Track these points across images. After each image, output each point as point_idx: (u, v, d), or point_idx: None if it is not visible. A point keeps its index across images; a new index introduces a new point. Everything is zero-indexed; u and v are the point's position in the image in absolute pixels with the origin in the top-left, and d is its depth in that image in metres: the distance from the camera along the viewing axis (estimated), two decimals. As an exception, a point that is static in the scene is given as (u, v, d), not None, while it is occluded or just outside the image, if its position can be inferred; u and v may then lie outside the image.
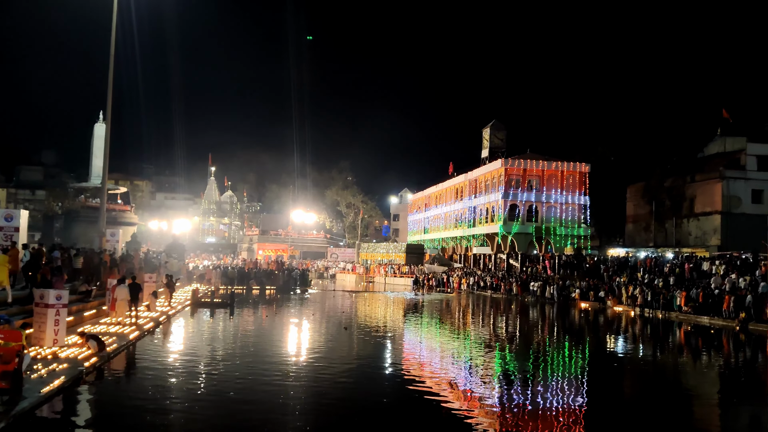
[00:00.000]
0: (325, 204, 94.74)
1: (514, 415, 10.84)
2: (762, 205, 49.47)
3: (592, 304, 35.36)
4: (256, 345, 18.17)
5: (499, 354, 18.30)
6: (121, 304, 19.44)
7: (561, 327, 27.10)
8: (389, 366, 15.79)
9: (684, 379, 16.02)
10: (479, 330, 24.49)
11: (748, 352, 20.53)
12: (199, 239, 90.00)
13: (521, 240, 53.94)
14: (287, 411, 10.68)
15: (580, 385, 14.18)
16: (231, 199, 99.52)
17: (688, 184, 52.96)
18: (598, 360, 18.44)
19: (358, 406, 11.32)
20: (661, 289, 32.02)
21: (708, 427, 11.32)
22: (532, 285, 41.95)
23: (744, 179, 49.93)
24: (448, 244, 69.84)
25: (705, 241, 50.03)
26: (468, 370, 15.29)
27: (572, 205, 54.89)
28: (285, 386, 12.44)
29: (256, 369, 13.91)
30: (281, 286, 43.68)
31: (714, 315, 27.51)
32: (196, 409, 10.54)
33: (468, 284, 48.87)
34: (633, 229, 60.75)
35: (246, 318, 26.24)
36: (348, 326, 22.81)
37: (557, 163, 55.35)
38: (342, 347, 18.45)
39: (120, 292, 19.42)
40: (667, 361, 18.64)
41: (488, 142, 62.48)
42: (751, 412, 12.38)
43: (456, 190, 66.93)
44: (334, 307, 32.76)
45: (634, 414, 11.85)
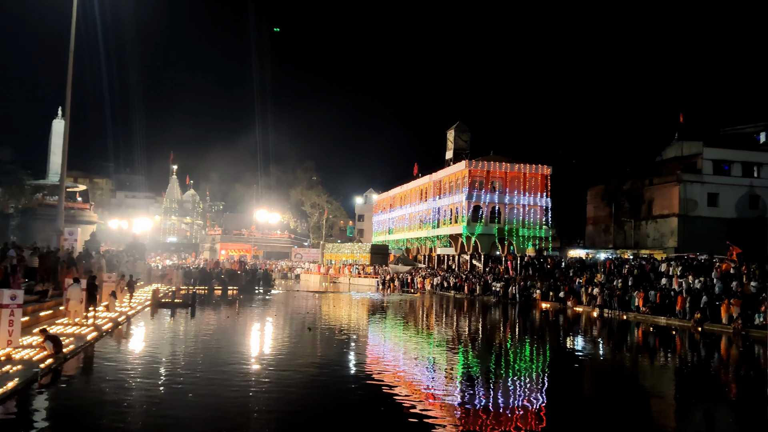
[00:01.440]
0: (289, 204, 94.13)
1: (475, 414, 10.95)
2: (717, 209, 50.92)
3: (552, 305, 35.89)
4: (218, 346, 17.98)
5: (461, 354, 18.45)
6: (73, 304, 18.79)
7: (522, 327, 27.45)
8: (353, 367, 15.80)
9: (641, 378, 16.38)
10: (442, 330, 24.65)
11: (703, 351, 21.09)
12: (160, 239, 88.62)
13: (484, 241, 54.47)
14: (248, 412, 10.59)
15: (541, 384, 14.39)
16: (193, 198, 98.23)
17: (646, 187, 54.17)
18: (557, 359, 18.74)
19: (321, 407, 11.30)
20: (619, 289, 32.67)
21: (664, 425, 11.60)
22: (495, 285, 42.39)
23: (700, 183, 51.30)
24: (412, 244, 70.13)
25: (663, 243, 51.23)
26: (431, 370, 15.38)
27: (534, 206, 55.65)
28: (246, 387, 12.34)
29: (217, 370, 13.77)
30: (244, 286, 43.29)
31: (671, 315, 28.17)
32: (154, 411, 10.39)
33: (432, 285, 49.14)
34: (593, 230, 61.87)
35: (207, 319, 25.95)
36: (312, 327, 22.74)
37: (520, 165, 56.07)
38: (306, 348, 18.39)
39: (73, 293, 18.81)
40: (625, 361, 19.04)
41: (452, 143, 62.95)
42: (706, 410, 12.72)
43: (420, 191, 67.24)
44: (297, 308, 32.61)
45: (593, 412, 12.09)
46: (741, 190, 51.78)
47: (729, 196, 51.38)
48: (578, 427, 10.83)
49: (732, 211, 51.01)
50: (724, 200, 51.22)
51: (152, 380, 12.72)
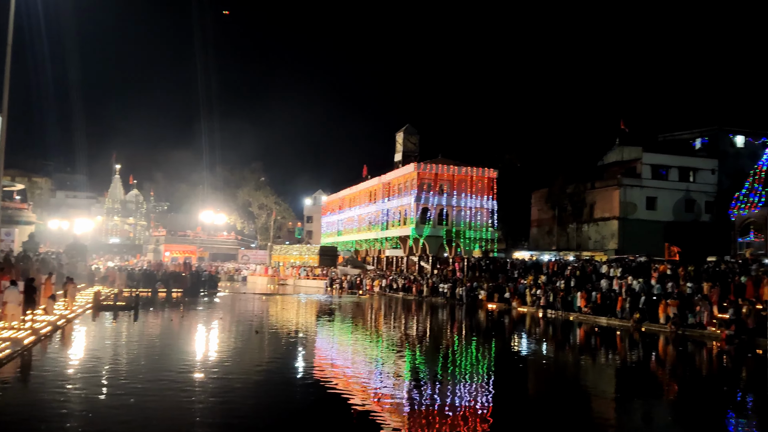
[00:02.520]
0: (236, 205, 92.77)
1: (423, 415, 11.09)
2: (655, 212, 52.76)
3: (498, 305, 36.50)
4: (161, 350, 17.66)
5: (409, 355, 18.62)
6: (11, 307, 18.11)
7: (468, 328, 27.85)
8: (301, 370, 15.76)
9: (582, 376, 16.87)
10: (390, 331, 24.80)
11: (641, 350, 21.82)
12: (102, 240, 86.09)
13: (432, 243, 54.99)
14: (192, 418, 10.46)
15: (486, 384, 14.66)
16: (137, 198, 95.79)
17: (588, 191, 55.66)
18: (502, 360, 19.11)
19: (268, 410, 11.24)
20: (562, 290, 33.47)
21: (605, 422, 11.98)
22: (442, 287, 42.84)
23: (639, 187, 53.06)
24: (361, 246, 70.19)
25: (604, 245, 52.73)
26: (378, 371, 15.49)
27: (481, 209, 56.52)
28: (191, 392, 12.17)
29: (161, 375, 13.54)
30: (189, 288, 42.49)
31: (611, 316, 29.01)
32: (92, 417, 10.14)
33: (380, 286, 49.31)
34: (537, 233, 63.18)
35: (151, 322, 25.42)
36: (259, 330, 22.54)
37: (467, 169, 56.88)
38: (252, 352, 18.23)
39: (10, 296, 18.13)
40: (567, 360, 19.56)
41: (401, 146, 63.36)
42: (644, 407, 13.19)
43: (370, 193, 67.39)
44: (244, 311, 32.26)
45: (536, 410, 12.41)
46: (678, 194, 53.79)
47: (666, 200, 53.31)
48: (522, 426, 11.08)
49: (669, 214, 52.93)
50: (661, 204, 53.11)
51: (93, 385, 12.39)
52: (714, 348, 21.69)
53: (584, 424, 11.46)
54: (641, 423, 11.95)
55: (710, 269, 30.25)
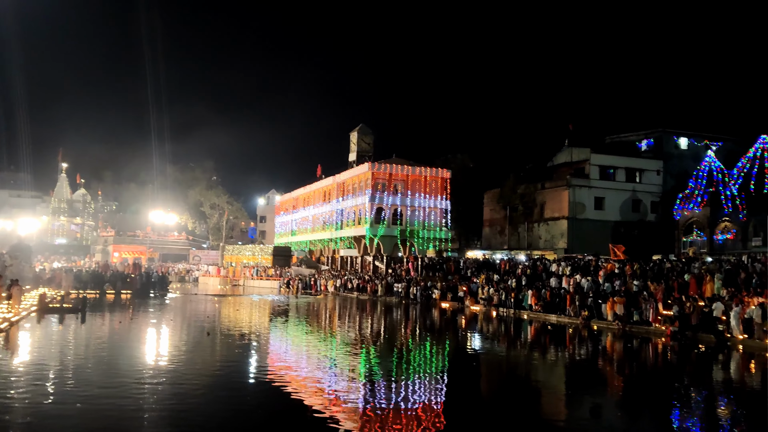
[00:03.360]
0: (187, 204, 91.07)
1: (378, 414, 11.15)
2: (603, 212, 54.12)
3: (451, 304, 36.88)
4: (110, 353, 17.26)
5: (363, 354, 18.67)
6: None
7: (422, 327, 28.07)
8: (254, 371, 15.64)
9: (533, 373, 17.21)
10: (345, 331, 24.81)
11: (590, 347, 22.38)
12: (48, 240, 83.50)
13: (387, 242, 55.18)
14: (141, 422, 10.29)
15: (440, 382, 14.83)
16: (84, 197, 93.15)
17: (538, 191, 56.71)
18: (456, 358, 19.35)
19: (220, 413, 11.12)
20: (513, 289, 34.05)
21: (555, 417, 12.26)
22: (397, 286, 43.06)
23: (588, 187, 54.32)
24: (315, 246, 69.91)
25: (553, 245, 53.80)
26: (334, 371, 15.49)
27: (435, 209, 56.98)
28: (139, 397, 11.93)
29: (109, 379, 13.24)
30: (138, 290, 41.65)
31: (561, 313, 29.65)
32: (35, 424, 9.85)
33: (335, 286, 49.23)
34: (489, 232, 64.06)
35: (99, 324, 24.80)
36: (211, 331, 22.25)
37: (421, 169, 57.29)
38: (204, 354, 17.99)
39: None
40: (518, 357, 19.93)
41: (356, 145, 63.37)
42: (592, 402, 13.54)
43: (324, 193, 67.18)
44: (196, 312, 31.78)
45: (488, 407, 12.62)
46: (624, 194, 55.29)
47: (614, 200, 54.73)
48: (474, 423, 11.24)
49: (616, 214, 54.36)
50: (609, 204, 54.50)
51: (38, 390, 12.03)
52: (659, 344, 22.40)
53: (534, 419, 11.71)
54: (589, 417, 12.26)
55: (655, 267, 31.20)
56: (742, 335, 21.57)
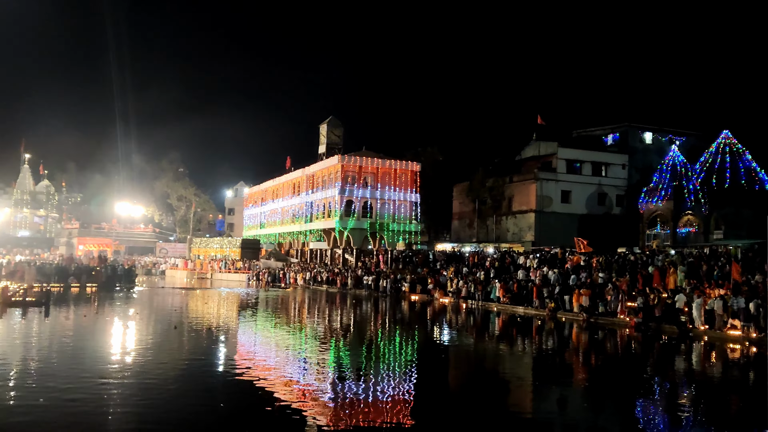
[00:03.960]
0: (154, 196, 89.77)
1: (348, 407, 11.17)
2: (570, 205, 54.87)
3: (421, 297, 37.07)
4: (74, 347, 16.97)
5: (333, 347, 18.66)
6: None
7: (392, 319, 28.17)
8: (221, 365, 15.53)
9: (500, 364, 17.41)
10: (314, 324, 24.77)
11: (556, 338, 22.70)
12: (10, 233, 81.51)
13: (356, 235, 55.18)
14: (106, 418, 10.15)
15: (409, 374, 14.91)
16: (48, 189, 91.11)
17: (507, 185, 57.24)
18: (425, 349, 19.47)
19: (186, 408, 11.02)
20: (482, 281, 34.36)
21: (521, 406, 12.44)
22: (366, 279, 43.11)
23: (555, 181, 54.99)
24: (284, 239, 69.55)
25: (521, 237, 54.39)
26: (303, 364, 15.47)
27: (404, 202, 57.14)
28: (104, 392, 11.75)
29: (73, 374, 13.03)
30: (104, 283, 41.00)
31: (528, 305, 30.02)
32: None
33: (304, 279, 49.08)
34: (458, 225, 64.49)
35: (63, 318, 24.34)
36: (178, 325, 22.01)
37: (391, 162, 57.36)
38: (171, 347, 17.80)
39: None
40: (486, 348, 20.13)
41: (325, 138, 63.15)
42: (559, 392, 13.75)
43: (293, 185, 66.83)
44: (162, 305, 31.40)
45: (456, 399, 12.74)
46: (591, 188, 56.11)
47: (580, 194, 55.51)
48: (443, 414, 11.34)
49: (583, 207, 55.18)
50: (575, 197, 55.27)
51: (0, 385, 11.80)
52: (623, 335, 22.83)
53: (502, 410, 11.86)
54: (556, 407, 12.46)
55: (620, 260, 31.76)
56: (703, 326, 22.12)
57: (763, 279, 23.44)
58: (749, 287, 22.81)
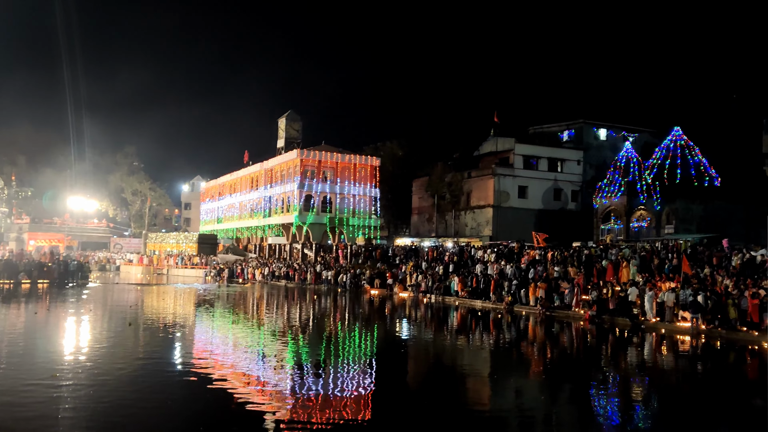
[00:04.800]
0: (107, 191, 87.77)
1: (306, 402, 11.15)
2: (526, 200, 55.71)
3: (380, 291, 37.18)
4: (25, 345, 16.52)
5: (291, 342, 18.59)
6: None
7: (351, 314, 28.20)
8: (178, 362, 15.33)
9: (458, 357, 17.60)
10: (272, 319, 24.62)
11: (512, 331, 23.06)
12: (-43, 227, 78.80)
13: (316, 230, 54.98)
14: (57, 420, 9.92)
15: (368, 369, 14.95)
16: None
17: (465, 180, 57.77)
18: (383, 344, 19.56)
19: (142, 406, 10.85)
20: (440, 275, 34.63)
21: (480, 399, 12.60)
22: (326, 274, 43.02)
23: (512, 176, 55.73)
24: (243, 234, 68.87)
25: (479, 232, 55.00)
26: (260, 360, 15.38)
27: (364, 197, 57.16)
28: (56, 392, 11.46)
29: (23, 372, 12.70)
30: (56, 279, 40.02)
31: (486, 299, 30.39)
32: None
33: (263, 274, 48.71)
34: (418, 220, 64.85)
35: (13, 315, 23.65)
36: (132, 322, 21.62)
37: (350, 156, 57.29)
38: (126, 345, 17.47)
39: None
40: (444, 342, 20.32)
41: (284, 132, 62.68)
42: (516, 385, 13.98)
43: (251, 180, 66.19)
44: (117, 302, 30.80)
45: (414, 393, 12.84)
46: (547, 183, 57.05)
47: (537, 189, 56.40)
48: (402, 408, 11.41)
49: (539, 202, 56.08)
50: (532, 192, 56.14)
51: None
52: (578, 327, 23.32)
53: (460, 403, 11.99)
54: (513, 400, 12.67)
55: (575, 254, 32.38)
56: (655, 318, 22.76)
57: (711, 272, 24.24)
58: (698, 280, 23.56)
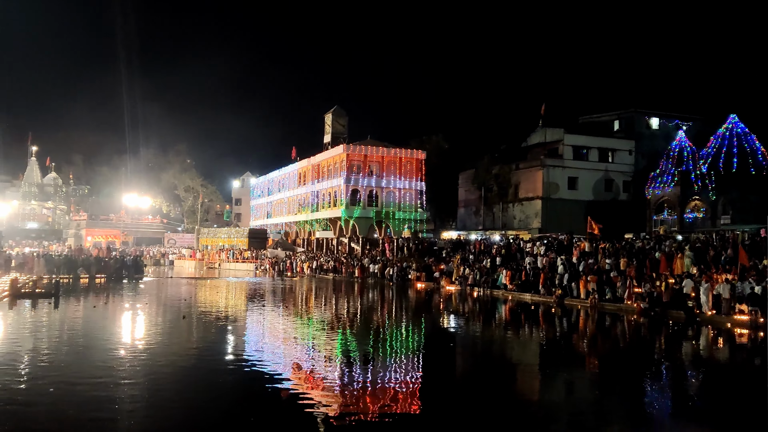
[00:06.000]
0: (161, 188, 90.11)
1: (356, 394, 11.25)
2: (576, 191, 54.73)
3: (427, 285, 37.15)
4: (84, 338, 17.12)
5: (341, 335, 18.76)
6: None
7: (397, 307, 28.27)
8: (230, 353, 15.65)
9: (508, 351, 17.47)
10: (321, 313, 24.89)
11: (563, 325, 22.73)
12: (18, 225, 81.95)
13: (362, 224, 55.28)
14: (115, 405, 10.26)
15: (417, 361, 14.98)
16: (55, 181, 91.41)
17: (513, 172, 57.12)
18: (432, 337, 19.55)
19: (196, 397, 11.14)
20: (488, 268, 34.38)
21: (530, 393, 12.49)
22: (372, 267, 43.21)
23: (561, 167, 54.83)
24: (291, 228, 69.74)
25: (528, 224, 54.33)
26: (311, 352, 15.57)
27: (410, 190, 57.16)
28: (114, 381, 11.88)
29: (84, 363, 13.17)
30: (112, 274, 41.26)
31: (534, 292, 30.03)
32: (9, 410, 9.74)
33: (311, 268, 49.25)
34: (464, 213, 64.45)
35: (73, 309, 24.54)
36: (186, 315, 22.16)
37: (396, 150, 57.35)
38: (180, 337, 17.94)
39: None
40: (494, 336, 20.18)
41: (330, 127, 63.12)
42: (566, 379, 13.80)
43: (299, 175, 66.93)
44: (171, 296, 31.60)
45: (465, 386, 12.81)
46: (597, 174, 55.93)
47: (587, 180, 55.35)
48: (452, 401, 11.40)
49: (589, 193, 55.01)
50: (582, 183, 55.11)
51: (10, 376, 11.91)
52: (630, 321, 22.84)
53: (510, 396, 11.92)
54: (566, 392, 12.51)
55: (627, 246, 31.69)
56: (711, 311, 22.11)
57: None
58: (756, 272, 22.76)
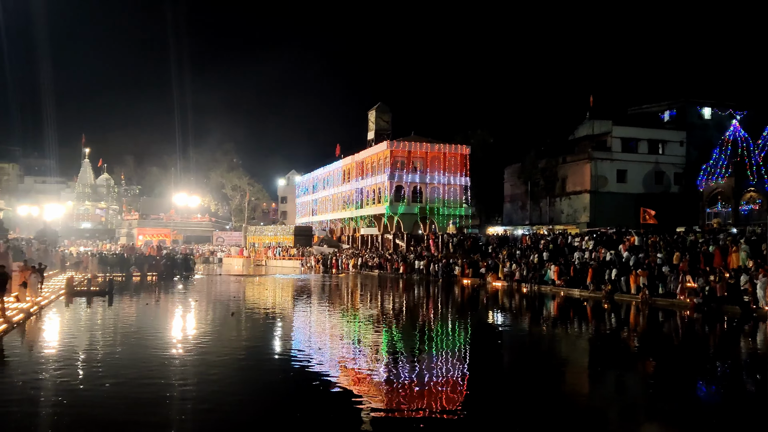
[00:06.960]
0: (209, 187, 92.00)
1: (402, 389, 11.24)
2: (625, 184, 53.48)
3: (473, 281, 36.88)
4: (138, 334, 17.55)
5: (387, 331, 18.78)
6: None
7: (444, 303, 28.15)
8: (276, 349, 15.84)
9: (557, 347, 17.19)
10: (368, 309, 24.97)
11: (613, 320, 22.26)
12: (73, 225, 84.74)
13: (407, 220, 55.24)
14: (168, 399, 10.49)
15: (463, 357, 14.89)
16: (107, 182, 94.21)
17: (560, 165, 56.18)
18: (479, 333, 19.40)
19: (247, 391, 11.31)
20: (535, 264, 33.92)
21: (579, 391, 12.27)
22: (418, 264, 43.13)
23: (610, 160, 53.67)
24: (336, 225, 70.21)
25: (576, 219, 53.40)
26: (358, 348, 15.63)
27: (454, 186, 56.85)
28: (168, 375, 12.16)
29: (138, 359, 13.49)
30: (163, 272, 42.21)
31: (583, 287, 29.49)
32: (66, 404, 10.05)
33: (356, 265, 49.47)
34: (510, 208, 63.75)
35: (126, 306, 25.22)
36: (235, 312, 22.52)
37: (440, 146, 57.06)
38: (230, 333, 18.23)
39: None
40: (542, 332, 19.89)
41: (374, 124, 63.26)
42: (617, 376, 13.52)
43: (344, 172, 67.30)
44: (220, 293, 32.16)
45: (514, 383, 12.67)
46: (647, 166, 54.54)
47: (636, 173, 54.02)
48: (500, 398, 11.28)
49: (639, 186, 53.69)
50: (632, 176, 53.82)
51: (68, 371, 12.31)
52: (684, 316, 22.22)
53: (559, 393, 11.73)
54: (618, 391, 12.25)
55: (679, 239, 30.85)
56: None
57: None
58: (818, 265, 21.86)
